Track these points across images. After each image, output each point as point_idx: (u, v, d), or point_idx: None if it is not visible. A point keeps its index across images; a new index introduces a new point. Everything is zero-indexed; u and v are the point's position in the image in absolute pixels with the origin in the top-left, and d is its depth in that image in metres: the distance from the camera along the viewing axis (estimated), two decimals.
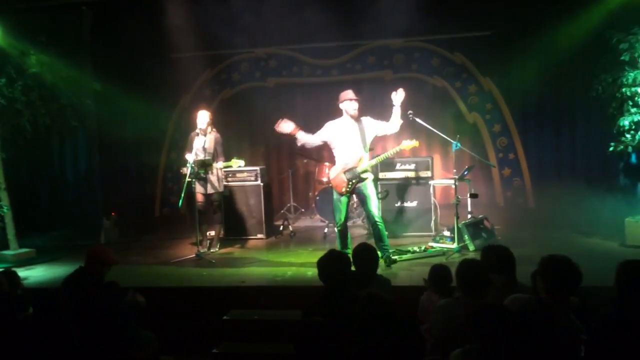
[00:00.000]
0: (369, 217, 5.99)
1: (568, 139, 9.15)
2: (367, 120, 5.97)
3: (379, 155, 6.09)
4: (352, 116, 5.90)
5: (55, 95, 7.45)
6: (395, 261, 5.84)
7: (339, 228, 5.99)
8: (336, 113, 6.11)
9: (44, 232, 8.16)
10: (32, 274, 6.45)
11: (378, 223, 5.85)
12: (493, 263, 3.50)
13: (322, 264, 3.58)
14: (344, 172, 5.87)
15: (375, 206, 5.89)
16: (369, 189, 5.88)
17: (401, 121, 5.87)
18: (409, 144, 5.89)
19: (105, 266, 4.41)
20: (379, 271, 4.23)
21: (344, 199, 5.93)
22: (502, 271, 3.48)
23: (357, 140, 5.89)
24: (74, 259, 6.24)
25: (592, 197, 7.56)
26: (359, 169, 5.83)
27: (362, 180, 5.86)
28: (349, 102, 5.89)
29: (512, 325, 2.58)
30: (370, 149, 6.07)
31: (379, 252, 5.63)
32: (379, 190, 7.11)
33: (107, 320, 3.42)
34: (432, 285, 3.85)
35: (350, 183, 5.84)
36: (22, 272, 5.79)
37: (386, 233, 5.95)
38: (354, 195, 6.36)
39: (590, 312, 3.08)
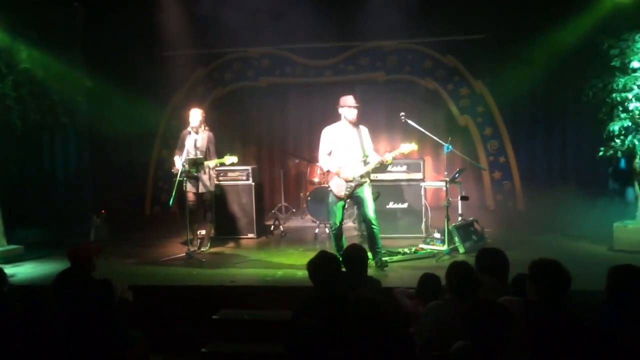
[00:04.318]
0: (365, 220, 5.91)
1: (558, 143, 9.20)
2: (365, 130, 5.94)
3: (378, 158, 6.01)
4: (350, 122, 5.86)
5: (46, 91, 7.39)
6: (386, 264, 5.82)
7: (334, 231, 5.95)
8: (329, 114, 6.09)
9: (32, 229, 8.09)
10: (20, 271, 6.39)
11: (374, 226, 5.82)
12: (488, 266, 3.52)
13: (312, 265, 3.58)
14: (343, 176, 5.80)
15: (371, 209, 5.83)
16: (366, 192, 5.83)
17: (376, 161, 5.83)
18: (407, 148, 5.85)
19: (92, 262, 4.36)
20: (370, 273, 4.23)
21: (340, 203, 5.87)
22: (496, 274, 3.50)
23: (355, 145, 5.83)
24: (63, 257, 6.17)
25: (582, 201, 7.61)
26: (358, 173, 5.77)
27: (361, 184, 5.80)
28: (348, 109, 5.83)
29: (507, 321, 2.59)
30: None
31: (371, 255, 5.69)
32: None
33: (97, 318, 3.40)
34: (419, 295, 3.81)
35: (349, 187, 5.78)
36: (9, 269, 5.77)
37: (380, 236, 5.92)
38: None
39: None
